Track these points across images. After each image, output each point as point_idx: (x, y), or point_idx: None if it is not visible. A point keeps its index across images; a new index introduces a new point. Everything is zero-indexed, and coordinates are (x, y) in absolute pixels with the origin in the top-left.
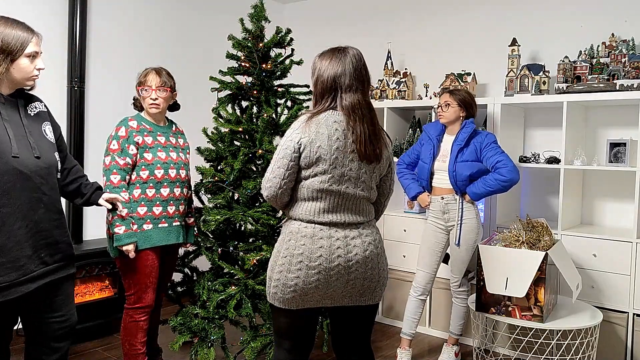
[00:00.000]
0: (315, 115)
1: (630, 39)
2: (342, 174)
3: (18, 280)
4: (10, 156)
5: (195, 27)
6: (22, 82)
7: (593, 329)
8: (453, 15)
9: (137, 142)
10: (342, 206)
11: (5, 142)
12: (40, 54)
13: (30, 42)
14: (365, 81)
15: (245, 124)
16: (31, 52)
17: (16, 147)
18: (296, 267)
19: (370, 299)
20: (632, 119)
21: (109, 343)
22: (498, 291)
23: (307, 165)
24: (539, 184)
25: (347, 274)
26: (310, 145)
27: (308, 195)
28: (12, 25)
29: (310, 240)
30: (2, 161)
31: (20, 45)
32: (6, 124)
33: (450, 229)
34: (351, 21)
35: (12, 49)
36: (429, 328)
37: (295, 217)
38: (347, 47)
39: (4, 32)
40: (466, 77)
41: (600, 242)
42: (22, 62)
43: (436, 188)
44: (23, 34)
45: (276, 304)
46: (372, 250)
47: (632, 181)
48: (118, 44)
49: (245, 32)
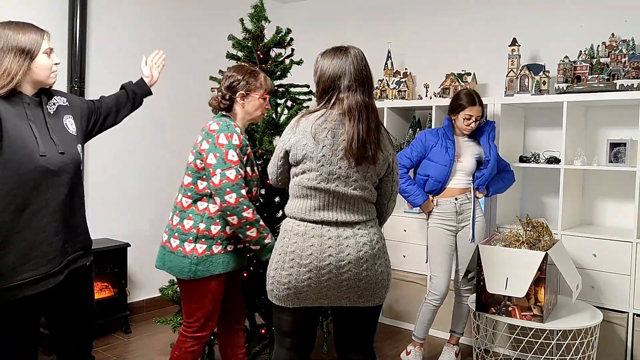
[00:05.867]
0: (308, 114)
1: (630, 39)
2: (330, 172)
3: (48, 273)
4: (37, 155)
5: (195, 27)
6: (44, 79)
7: (593, 329)
8: (453, 15)
9: (247, 154)
10: (334, 204)
11: (32, 142)
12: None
13: (44, 39)
14: (367, 82)
15: None
16: (46, 49)
17: (42, 146)
18: (289, 265)
19: (369, 301)
20: (632, 119)
21: (109, 343)
22: (498, 291)
23: (296, 163)
24: (539, 184)
25: (339, 274)
26: (297, 143)
27: (299, 192)
28: (23, 28)
29: (301, 239)
30: (31, 160)
31: (35, 44)
32: (32, 124)
33: (461, 229)
34: (351, 21)
35: (29, 49)
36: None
37: (290, 214)
38: (349, 46)
39: (18, 36)
40: (466, 77)
41: (600, 242)
42: (40, 60)
43: (449, 189)
44: (35, 34)
45: (273, 301)
46: (366, 251)
47: (632, 181)
48: (118, 44)
49: (245, 32)
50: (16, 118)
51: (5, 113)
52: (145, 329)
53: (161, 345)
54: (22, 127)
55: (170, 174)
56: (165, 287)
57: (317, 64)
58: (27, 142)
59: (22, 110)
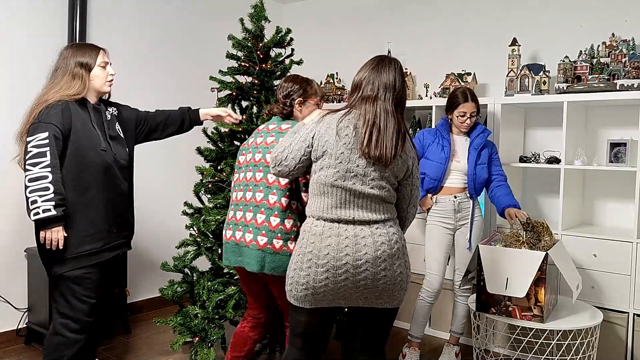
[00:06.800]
0: (333, 112)
1: (630, 39)
2: (347, 169)
3: (103, 247)
4: (99, 149)
5: (195, 27)
6: (101, 87)
7: (593, 329)
8: (453, 15)
9: None
10: (352, 203)
11: (96, 138)
12: (109, 64)
13: (99, 54)
14: (397, 91)
15: (245, 124)
16: (100, 62)
17: (103, 143)
18: (307, 265)
19: (387, 302)
20: (633, 119)
21: (109, 343)
22: (498, 291)
23: (316, 158)
24: (539, 184)
25: (356, 274)
26: (319, 138)
27: (318, 190)
28: (82, 47)
29: (318, 239)
30: (95, 152)
31: (91, 58)
32: (94, 124)
33: (459, 228)
34: (351, 21)
35: (87, 63)
36: (430, 328)
37: (309, 213)
38: (393, 58)
39: (77, 53)
40: (466, 77)
41: (600, 242)
42: (96, 71)
43: (447, 188)
44: (92, 50)
45: (291, 301)
46: (384, 250)
47: (632, 181)
48: (118, 45)
49: (245, 32)
50: (84, 118)
51: (75, 112)
52: (145, 329)
53: (161, 345)
54: (88, 125)
55: (171, 174)
56: (165, 287)
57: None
58: (91, 138)
59: (87, 113)
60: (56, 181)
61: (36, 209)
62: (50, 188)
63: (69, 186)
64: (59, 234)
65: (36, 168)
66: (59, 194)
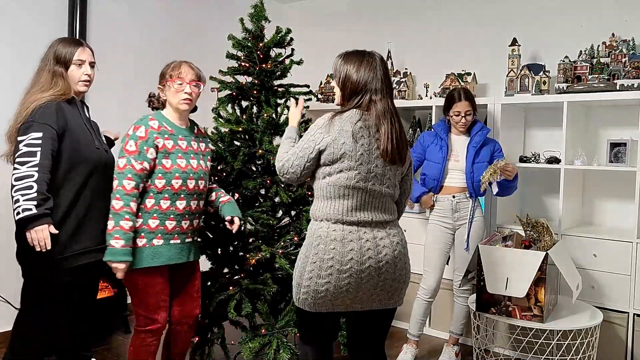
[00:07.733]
0: (340, 113)
1: (630, 39)
2: (368, 170)
3: (94, 247)
4: (94, 147)
5: (195, 27)
6: (73, 86)
7: (593, 329)
8: (453, 15)
9: (156, 146)
10: (370, 204)
11: (89, 136)
12: (91, 63)
13: (77, 51)
14: (390, 86)
15: (245, 124)
16: (77, 60)
17: (96, 141)
18: (327, 272)
19: (396, 302)
20: (633, 119)
21: (108, 343)
22: (498, 291)
23: (331, 162)
24: (539, 184)
25: (378, 275)
26: (333, 142)
27: (335, 193)
28: (65, 41)
29: (340, 244)
30: (90, 149)
31: (68, 53)
32: (85, 123)
33: (458, 227)
34: (351, 21)
35: (64, 58)
36: (430, 328)
37: (322, 217)
38: (372, 51)
39: (59, 47)
40: (466, 77)
41: (600, 242)
42: (71, 69)
43: (446, 187)
44: (71, 46)
45: (305, 309)
46: (400, 250)
47: (632, 181)
48: (118, 45)
49: (245, 32)
50: (76, 116)
51: (68, 111)
52: None
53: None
54: (81, 124)
55: None
56: None
57: (340, 68)
58: (86, 136)
59: (77, 111)
60: (41, 180)
61: (17, 209)
62: (33, 187)
63: (64, 180)
64: (44, 233)
65: (23, 167)
66: (41, 193)
